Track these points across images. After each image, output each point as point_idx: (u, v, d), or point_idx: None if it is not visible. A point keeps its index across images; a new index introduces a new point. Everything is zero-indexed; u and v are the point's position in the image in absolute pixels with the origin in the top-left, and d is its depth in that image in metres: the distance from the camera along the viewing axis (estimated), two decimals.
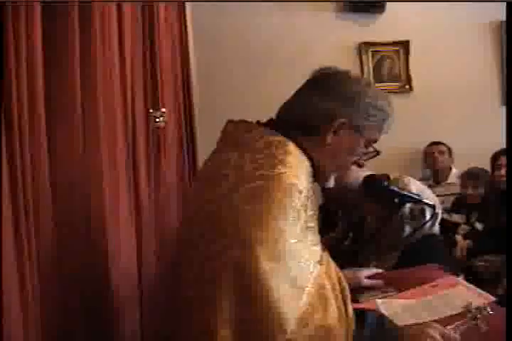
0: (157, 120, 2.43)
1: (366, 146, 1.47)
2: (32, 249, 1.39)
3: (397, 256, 2.22)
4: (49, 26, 1.56)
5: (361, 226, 2.44)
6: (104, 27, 1.89)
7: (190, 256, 1.29)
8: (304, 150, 1.35)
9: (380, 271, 2.05)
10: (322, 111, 1.39)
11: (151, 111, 2.43)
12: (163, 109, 2.51)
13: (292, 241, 1.20)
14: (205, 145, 1.60)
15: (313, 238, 1.30)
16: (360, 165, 1.51)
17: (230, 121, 1.47)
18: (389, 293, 1.85)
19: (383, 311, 1.64)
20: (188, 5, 3.78)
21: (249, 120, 1.44)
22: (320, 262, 1.29)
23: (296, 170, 1.28)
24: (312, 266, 1.25)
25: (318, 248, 1.31)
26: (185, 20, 3.41)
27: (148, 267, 2.20)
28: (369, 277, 2.00)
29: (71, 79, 1.67)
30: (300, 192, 1.25)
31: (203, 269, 1.22)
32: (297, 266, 1.20)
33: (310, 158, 1.37)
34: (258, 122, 1.44)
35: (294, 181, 1.25)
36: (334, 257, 2.39)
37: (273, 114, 1.50)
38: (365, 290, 1.91)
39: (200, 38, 4.31)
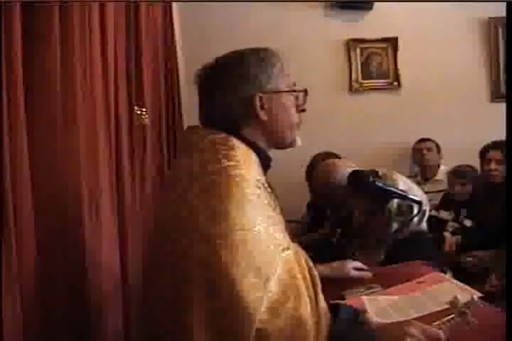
0: (142, 117, 2.42)
1: (291, 90, 1.50)
2: (12, 247, 1.37)
3: (384, 251, 2.22)
4: (29, 21, 1.54)
5: (349, 222, 2.44)
6: (85, 21, 1.87)
7: (159, 258, 1.33)
8: (250, 142, 1.41)
9: (366, 267, 2.05)
10: (237, 101, 1.43)
11: (135, 108, 2.41)
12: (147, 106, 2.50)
13: (250, 230, 1.21)
14: None
15: (274, 226, 1.29)
16: (303, 110, 1.53)
17: (187, 128, 1.54)
18: (375, 289, 1.85)
19: (369, 308, 1.64)
20: (175, 2, 3.76)
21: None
22: (287, 249, 1.29)
23: (241, 162, 1.31)
24: (278, 253, 1.25)
25: (281, 236, 1.31)
26: (171, 17, 3.38)
27: (133, 265, 2.18)
28: (356, 269, 2.01)
29: (52, 75, 1.65)
30: (248, 181, 1.28)
31: (173, 270, 1.24)
32: (260, 255, 1.21)
33: (261, 147, 1.44)
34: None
35: (240, 172, 1.28)
36: (323, 253, 2.40)
37: None
38: (352, 286, 1.90)
39: (188, 34, 4.30)
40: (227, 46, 4.51)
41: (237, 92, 1.43)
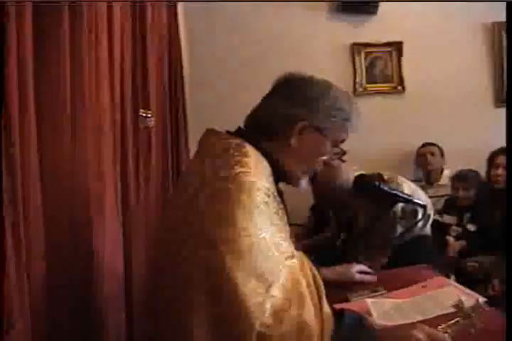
0: (148, 119, 2.43)
1: (333, 146, 1.52)
2: (22, 246, 1.38)
3: (387, 255, 2.23)
4: (39, 25, 1.55)
5: (352, 225, 2.45)
6: (92, 24, 1.88)
7: (165, 260, 1.34)
8: (267, 153, 1.41)
9: (370, 271, 2.06)
10: (284, 114, 1.44)
11: (141, 110, 2.42)
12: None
13: (256, 237, 1.22)
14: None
15: (280, 234, 1.31)
16: (326, 164, 1.54)
17: (205, 131, 1.53)
18: (379, 293, 1.85)
19: (373, 311, 1.64)
20: (180, 5, 3.77)
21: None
22: (292, 257, 1.30)
23: (253, 169, 1.31)
24: (282, 260, 1.26)
25: (287, 244, 1.32)
26: (176, 19, 3.40)
27: (137, 267, 2.19)
28: (361, 273, 2.01)
29: (61, 77, 1.67)
30: (258, 189, 1.28)
31: (177, 271, 1.26)
32: (264, 261, 1.22)
33: (276, 161, 1.43)
34: (227, 131, 1.50)
35: (251, 179, 1.28)
36: (326, 256, 2.41)
37: None
38: (356, 289, 1.91)
39: (193, 37, 4.31)
40: (232, 49, 4.53)
41: (291, 109, 1.44)
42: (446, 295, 1.71)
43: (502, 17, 4.47)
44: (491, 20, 4.69)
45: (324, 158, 1.51)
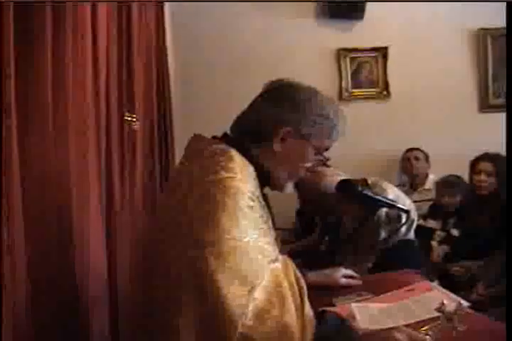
0: (132, 123, 2.42)
1: (317, 154, 1.54)
2: (3, 246, 1.36)
3: (373, 258, 2.23)
4: (22, 25, 1.54)
5: (338, 228, 2.45)
6: (77, 26, 1.87)
7: (155, 260, 1.36)
8: (251, 157, 1.44)
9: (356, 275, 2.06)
10: (269, 120, 1.48)
11: (126, 114, 2.41)
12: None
13: (239, 240, 1.25)
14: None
15: (265, 238, 1.34)
16: (312, 172, 1.59)
17: (192, 136, 1.56)
18: (365, 297, 1.85)
19: (357, 315, 1.64)
20: (167, 7, 3.76)
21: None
22: (275, 261, 1.33)
23: (238, 174, 1.35)
24: (266, 263, 1.29)
25: (271, 248, 1.35)
26: (163, 22, 3.39)
27: (121, 267, 2.18)
28: (347, 277, 2.01)
29: (44, 79, 1.66)
30: (243, 194, 1.32)
31: (167, 271, 1.28)
32: (247, 264, 1.25)
33: (261, 166, 1.46)
34: (214, 136, 1.53)
35: (236, 184, 1.32)
36: (311, 260, 2.40)
37: None
38: (341, 293, 1.90)
39: (181, 40, 4.30)
40: (219, 54, 4.52)
41: (276, 114, 1.47)
42: (431, 299, 1.71)
43: (488, 23, 4.53)
44: (477, 26, 4.74)
45: (308, 164, 1.53)
